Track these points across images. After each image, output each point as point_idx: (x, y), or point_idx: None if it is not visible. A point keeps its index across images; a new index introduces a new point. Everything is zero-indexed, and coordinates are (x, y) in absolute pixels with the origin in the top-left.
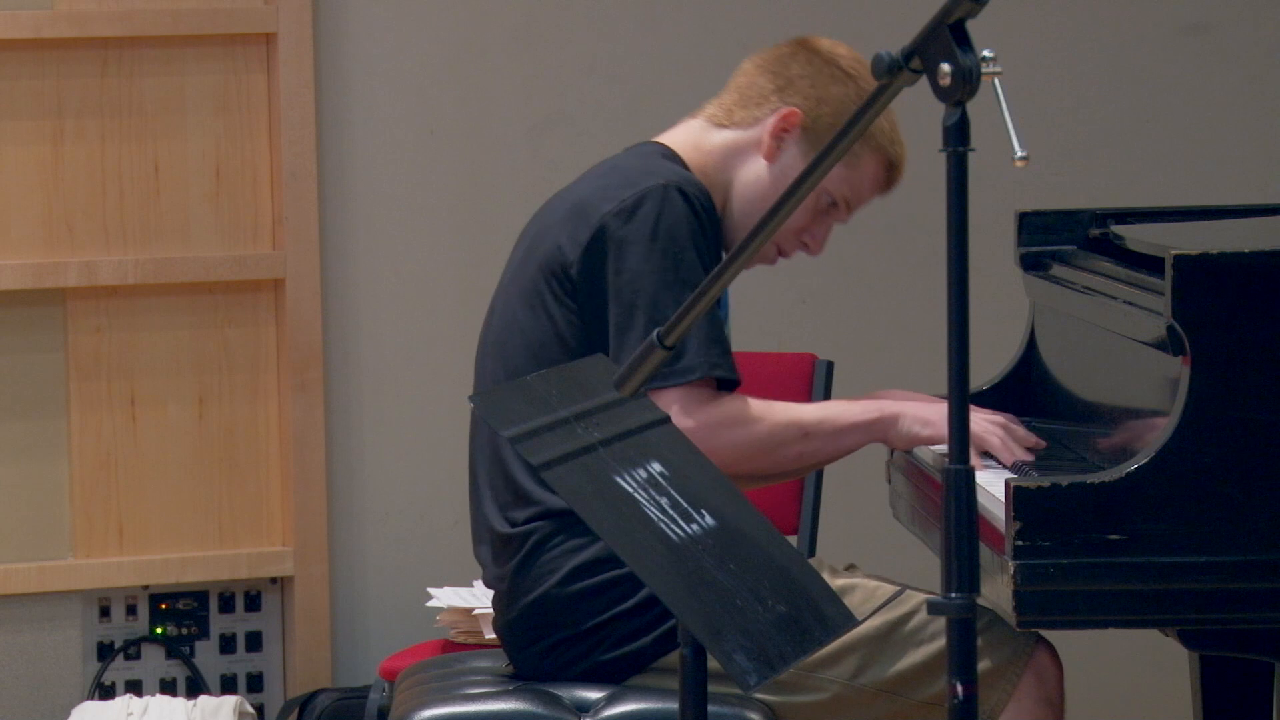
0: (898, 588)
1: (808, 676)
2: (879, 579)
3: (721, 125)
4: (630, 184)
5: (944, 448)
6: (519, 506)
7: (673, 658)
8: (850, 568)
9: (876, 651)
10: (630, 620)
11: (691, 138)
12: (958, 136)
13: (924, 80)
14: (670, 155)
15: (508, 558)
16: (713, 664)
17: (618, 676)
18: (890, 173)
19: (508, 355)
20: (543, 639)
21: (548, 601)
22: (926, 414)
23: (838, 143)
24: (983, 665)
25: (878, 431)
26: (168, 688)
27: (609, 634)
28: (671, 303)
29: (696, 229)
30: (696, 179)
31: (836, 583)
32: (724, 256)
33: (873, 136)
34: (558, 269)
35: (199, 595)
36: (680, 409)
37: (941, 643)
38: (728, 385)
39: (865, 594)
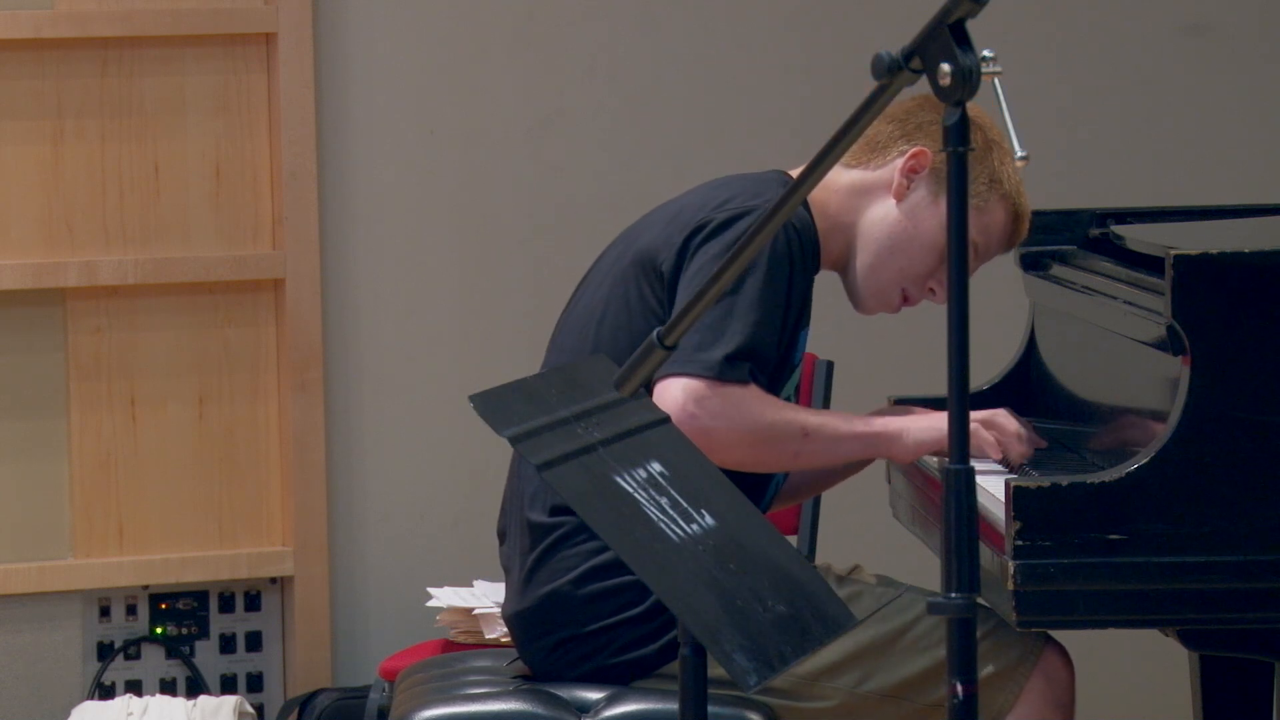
0: (898, 591)
1: (812, 685)
2: (882, 579)
3: (850, 166)
4: (736, 199)
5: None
6: (552, 493)
7: (674, 666)
8: (855, 569)
9: (881, 660)
10: (636, 627)
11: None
12: (958, 136)
13: (924, 80)
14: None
15: (531, 545)
16: (714, 671)
17: (620, 681)
18: (1016, 224)
19: (585, 340)
20: (549, 634)
21: (559, 597)
22: (932, 422)
23: (838, 142)
24: (990, 667)
25: (880, 446)
26: (168, 688)
27: (614, 638)
28: (722, 311)
29: (783, 255)
30: (806, 216)
31: (842, 590)
32: (808, 300)
33: (1000, 184)
34: (649, 266)
35: (199, 595)
36: (685, 394)
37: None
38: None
39: (873, 600)
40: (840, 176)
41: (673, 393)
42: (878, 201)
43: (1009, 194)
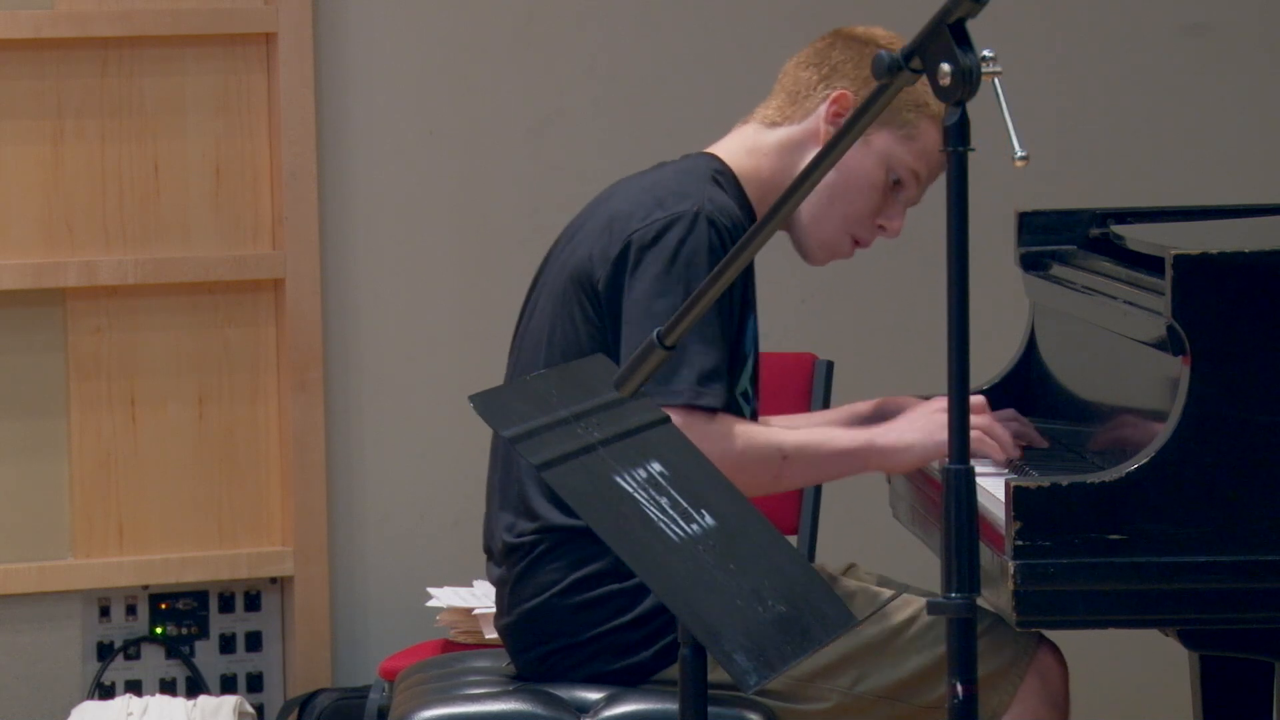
0: (895, 590)
1: (808, 686)
2: (881, 579)
3: (775, 124)
4: (662, 204)
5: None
6: (526, 519)
7: (670, 671)
8: (850, 568)
9: (876, 660)
10: (629, 633)
11: (745, 143)
12: (958, 136)
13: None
14: (721, 170)
15: (511, 564)
16: (712, 674)
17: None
18: None
19: (537, 360)
20: (541, 645)
21: (548, 610)
22: (928, 435)
23: (837, 143)
24: (984, 667)
25: (872, 461)
26: (168, 688)
27: (607, 645)
28: (694, 333)
29: (703, 260)
30: (732, 207)
31: (839, 589)
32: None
33: (927, 105)
34: (586, 282)
35: (199, 595)
36: None
37: (942, 648)
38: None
39: (867, 600)
40: (766, 137)
41: None
42: (807, 152)
43: (938, 114)
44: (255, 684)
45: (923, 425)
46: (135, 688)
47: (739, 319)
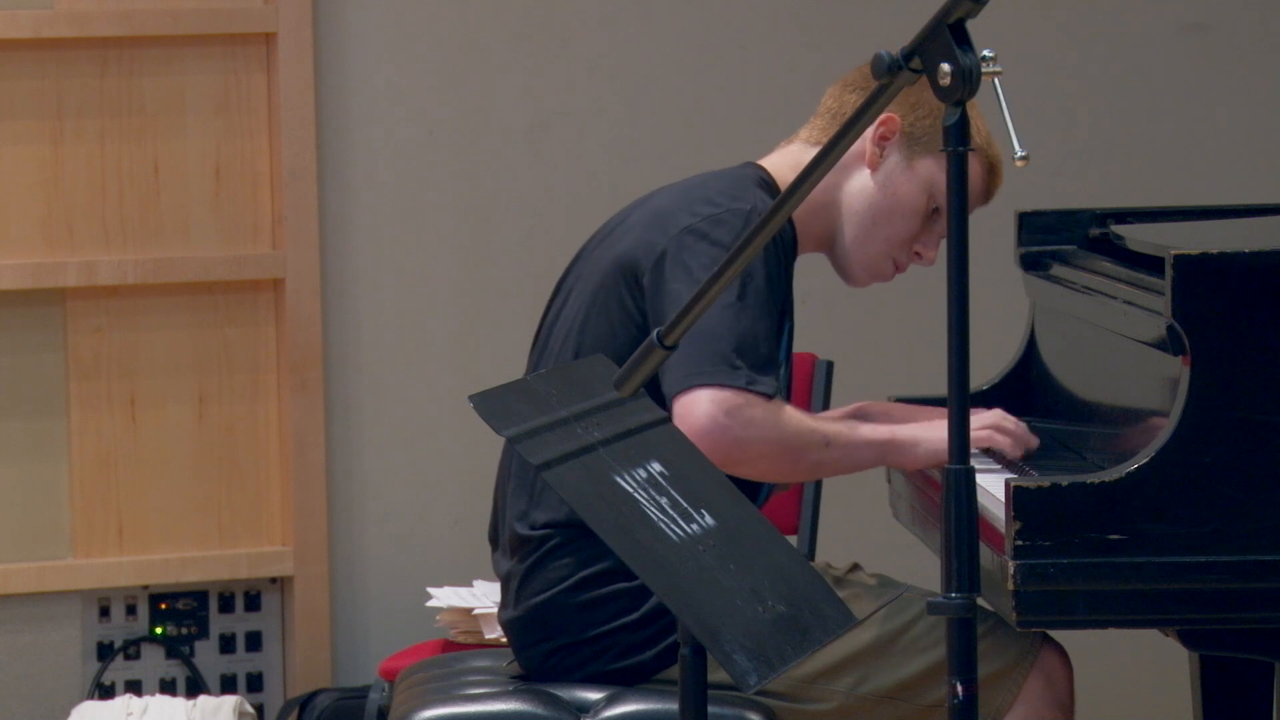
0: (898, 591)
1: (810, 687)
2: (882, 579)
3: (820, 144)
4: (713, 203)
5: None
6: (539, 510)
7: (672, 671)
8: (855, 567)
9: (879, 662)
10: (633, 633)
11: (790, 160)
12: (958, 136)
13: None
14: (767, 180)
15: (521, 557)
16: (712, 675)
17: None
18: (991, 176)
19: (566, 351)
20: (546, 641)
21: (554, 606)
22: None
23: (836, 144)
24: (988, 667)
25: (893, 454)
26: (167, 688)
27: (611, 644)
28: (736, 323)
29: (771, 258)
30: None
31: (841, 591)
32: (792, 292)
33: (971, 138)
34: (629, 274)
35: (199, 595)
36: (715, 405)
37: (944, 648)
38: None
39: (871, 601)
40: (812, 156)
41: (701, 404)
42: (854, 174)
43: (980, 146)
44: (255, 684)
45: (940, 427)
46: (135, 688)
47: (780, 324)
